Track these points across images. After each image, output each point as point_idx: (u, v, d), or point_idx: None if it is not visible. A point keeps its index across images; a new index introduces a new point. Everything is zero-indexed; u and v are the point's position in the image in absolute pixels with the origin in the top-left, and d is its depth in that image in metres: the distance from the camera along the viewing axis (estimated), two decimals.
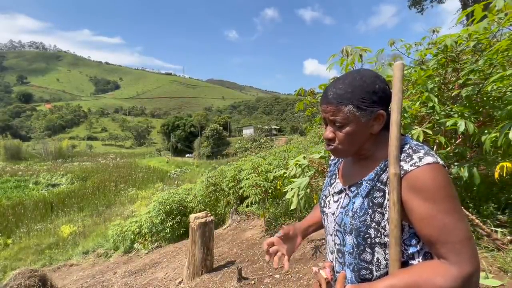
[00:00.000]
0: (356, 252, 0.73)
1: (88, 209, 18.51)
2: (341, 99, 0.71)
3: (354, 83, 0.72)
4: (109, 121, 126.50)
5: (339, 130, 0.74)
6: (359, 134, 0.73)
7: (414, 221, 0.66)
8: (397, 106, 0.71)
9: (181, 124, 59.92)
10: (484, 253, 1.77)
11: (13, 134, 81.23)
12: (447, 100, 2.09)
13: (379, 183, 0.72)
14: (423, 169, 0.64)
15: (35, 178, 30.67)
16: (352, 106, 0.70)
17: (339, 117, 0.72)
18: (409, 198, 0.66)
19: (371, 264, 0.72)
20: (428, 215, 0.63)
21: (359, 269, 0.73)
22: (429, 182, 0.63)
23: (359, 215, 0.72)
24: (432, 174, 0.64)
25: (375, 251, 0.71)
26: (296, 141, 10.23)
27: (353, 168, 0.84)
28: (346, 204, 0.78)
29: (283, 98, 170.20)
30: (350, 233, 0.74)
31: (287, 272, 2.61)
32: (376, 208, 0.70)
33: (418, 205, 0.64)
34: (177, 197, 6.82)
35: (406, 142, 0.74)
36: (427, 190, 0.63)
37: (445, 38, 2.03)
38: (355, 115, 0.71)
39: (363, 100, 0.70)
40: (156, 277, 3.86)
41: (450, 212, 0.62)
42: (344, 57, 1.68)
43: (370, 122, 0.73)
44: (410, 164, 0.66)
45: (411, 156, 0.68)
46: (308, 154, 2.43)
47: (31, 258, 10.44)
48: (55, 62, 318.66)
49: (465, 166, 1.85)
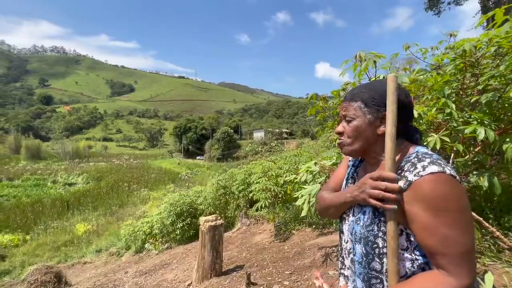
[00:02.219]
0: (365, 262, 0.74)
1: (102, 208, 19.01)
2: (353, 96, 0.79)
3: (371, 86, 0.78)
4: (123, 123, 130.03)
5: (347, 124, 0.80)
6: (364, 130, 0.77)
7: (416, 231, 0.66)
8: (390, 118, 0.71)
9: (192, 126, 60.75)
10: (505, 267, 1.68)
11: (34, 135, 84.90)
12: (465, 106, 2.02)
13: None
14: (425, 178, 0.64)
15: (53, 177, 31.87)
16: (361, 102, 0.77)
17: (349, 111, 0.78)
18: (412, 208, 0.66)
19: (381, 273, 0.71)
20: (430, 225, 0.63)
21: (369, 278, 0.73)
22: (430, 192, 0.63)
23: (367, 224, 0.73)
24: (434, 184, 0.63)
25: (384, 261, 0.70)
26: (307, 145, 10.15)
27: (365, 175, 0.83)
28: (357, 213, 0.79)
29: (294, 102, 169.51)
30: (359, 242, 0.75)
31: (297, 279, 2.57)
32: (383, 218, 0.70)
33: (419, 214, 0.64)
34: (187, 199, 6.90)
35: (414, 151, 0.73)
36: (428, 200, 0.63)
37: (463, 42, 1.96)
38: (362, 110, 0.77)
39: (373, 99, 0.76)
40: (165, 279, 3.90)
41: (452, 224, 0.61)
42: (357, 62, 1.66)
43: (376, 121, 0.76)
44: (414, 174, 0.66)
45: (415, 165, 0.67)
46: (319, 160, 2.40)
47: (48, 255, 10.80)
48: (74, 65, 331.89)
49: (485, 174, 1.77)
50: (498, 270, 1.67)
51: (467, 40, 1.94)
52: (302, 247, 3.38)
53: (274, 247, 3.74)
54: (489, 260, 1.77)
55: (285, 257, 3.26)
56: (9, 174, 31.16)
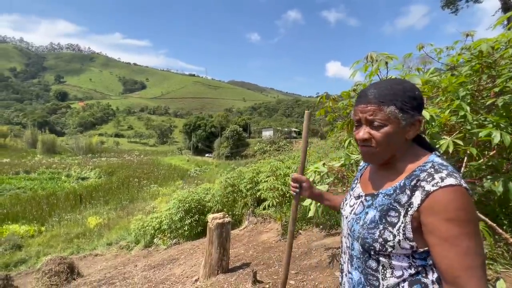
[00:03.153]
0: (362, 259, 0.75)
1: (113, 203, 19.50)
2: (384, 99, 0.70)
3: (395, 86, 0.72)
4: (135, 119, 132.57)
5: (376, 131, 0.72)
6: (396, 137, 0.72)
7: (434, 242, 0.64)
8: (303, 149, 1.06)
9: (202, 124, 61.30)
10: None
11: (50, 130, 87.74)
12: (480, 109, 1.96)
13: (396, 203, 0.70)
14: (445, 190, 0.63)
15: (67, 171, 32.91)
16: (395, 107, 0.70)
17: (379, 116, 0.71)
18: (429, 219, 0.64)
19: (377, 272, 0.72)
20: (452, 237, 0.61)
21: (366, 273, 0.75)
22: (451, 203, 0.62)
23: (369, 227, 0.73)
24: (455, 196, 0.62)
25: (380, 260, 0.72)
26: (316, 145, 10.08)
27: (373, 176, 0.84)
28: (359, 212, 0.79)
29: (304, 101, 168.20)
30: (357, 240, 0.76)
31: (303, 279, 2.57)
32: (387, 226, 0.70)
33: (440, 226, 0.63)
34: (196, 196, 6.99)
35: (429, 160, 0.72)
36: (450, 211, 0.62)
37: (480, 42, 1.90)
38: (396, 117, 0.70)
39: (406, 103, 0.70)
40: (173, 273, 3.98)
41: (473, 235, 0.61)
42: (368, 63, 1.64)
43: (407, 127, 0.72)
44: (432, 184, 0.65)
45: (433, 175, 0.66)
46: (328, 161, 2.39)
47: (61, 246, 11.19)
48: (88, 63, 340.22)
49: (500, 179, 1.72)
50: (511, 278, 1.62)
51: (484, 41, 1.88)
52: (308, 247, 3.37)
53: (281, 246, 3.75)
54: (501, 267, 1.72)
55: (291, 256, 3.26)
56: (26, 167, 32.40)
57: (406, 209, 0.68)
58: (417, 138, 0.79)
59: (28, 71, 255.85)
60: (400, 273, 0.69)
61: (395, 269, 0.70)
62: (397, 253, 0.69)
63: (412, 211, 0.66)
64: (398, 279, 0.69)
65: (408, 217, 0.67)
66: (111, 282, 4.33)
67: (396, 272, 0.70)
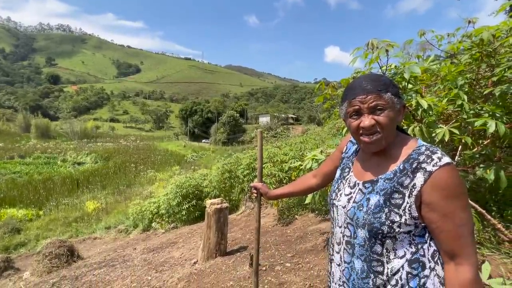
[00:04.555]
0: (368, 245, 0.78)
1: (110, 188, 19.58)
2: (380, 87, 0.77)
3: (380, 78, 0.80)
4: (130, 104, 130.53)
5: (380, 116, 0.77)
6: (394, 122, 0.79)
7: (436, 218, 0.70)
8: (259, 156, 1.42)
9: (198, 109, 60.67)
10: (504, 259, 1.72)
11: (43, 114, 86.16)
12: (477, 98, 1.97)
13: (398, 185, 0.74)
14: (444, 169, 0.70)
15: (63, 156, 32.72)
16: (390, 93, 0.78)
17: (382, 101, 0.77)
18: (433, 197, 0.70)
19: (382, 256, 0.76)
20: (451, 211, 0.69)
21: (371, 260, 0.77)
22: (450, 180, 0.69)
23: (374, 211, 0.75)
24: (452, 173, 0.70)
25: (385, 243, 0.75)
26: (313, 132, 10.11)
27: (367, 164, 0.86)
28: (359, 200, 0.81)
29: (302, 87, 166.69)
30: (363, 227, 0.78)
31: (298, 261, 2.67)
32: (393, 208, 0.73)
33: (440, 203, 0.70)
34: (193, 182, 7.05)
35: (421, 144, 0.79)
36: (449, 188, 0.69)
37: (481, 30, 1.88)
38: (393, 101, 0.78)
39: (395, 90, 0.79)
40: (172, 256, 4.09)
41: (465, 207, 0.70)
42: (368, 50, 1.62)
43: (398, 112, 0.80)
44: (432, 165, 0.71)
45: (431, 157, 0.72)
46: (325, 148, 2.41)
47: (60, 230, 11.32)
48: (80, 44, 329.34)
49: (491, 168, 1.76)
50: (496, 261, 1.70)
51: (486, 28, 1.86)
52: (304, 232, 3.47)
53: (277, 231, 3.85)
54: (488, 251, 1.81)
55: (287, 240, 3.36)
56: (21, 152, 32.10)
57: (410, 190, 0.72)
58: None
59: (18, 53, 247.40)
60: (402, 253, 0.74)
61: (398, 249, 0.74)
62: (402, 231, 0.74)
63: (416, 191, 0.71)
64: (401, 259, 0.74)
65: (412, 197, 0.72)
66: (111, 264, 4.44)
67: (399, 252, 0.74)
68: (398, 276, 0.74)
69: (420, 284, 0.72)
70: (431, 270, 0.73)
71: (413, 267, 0.73)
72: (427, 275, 0.72)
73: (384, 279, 0.75)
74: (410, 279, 0.73)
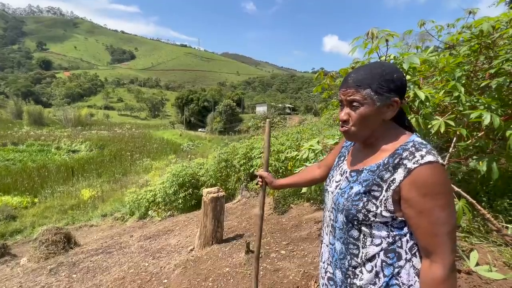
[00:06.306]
0: (345, 229, 0.82)
1: (106, 176, 19.55)
2: (361, 83, 0.77)
3: (373, 71, 0.78)
4: (124, 91, 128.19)
5: (354, 111, 0.79)
6: (372, 118, 0.79)
7: (412, 214, 0.72)
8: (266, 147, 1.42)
9: (195, 98, 60.00)
10: (491, 247, 1.78)
11: (35, 100, 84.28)
12: (474, 90, 1.98)
13: (379, 178, 0.77)
14: (425, 167, 0.70)
15: (57, 143, 32.32)
16: (370, 90, 0.76)
17: (357, 97, 0.77)
18: (410, 193, 0.71)
19: (358, 240, 0.80)
20: (427, 209, 0.69)
21: (348, 243, 0.82)
22: (429, 178, 0.69)
23: (354, 199, 0.79)
24: (432, 171, 0.70)
25: (362, 230, 0.79)
26: (309, 122, 10.11)
27: (359, 154, 0.90)
28: (344, 187, 0.86)
29: (299, 76, 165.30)
30: (341, 212, 0.83)
31: (293, 249, 2.73)
32: (371, 198, 0.77)
33: (418, 200, 0.70)
34: (190, 171, 7.06)
35: (410, 140, 0.78)
36: (427, 186, 0.69)
37: (481, 21, 1.86)
38: (371, 98, 0.76)
39: (382, 86, 0.76)
40: (169, 243, 4.15)
41: (444, 207, 0.69)
42: (368, 40, 1.60)
43: (384, 108, 0.78)
44: (413, 162, 0.71)
45: (414, 154, 0.73)
46: (322, 138, 2.42)
47: (56, 217, 11.35)
48: (72, 29, 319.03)
49: (484, 160, 1.79)
50: (484, 249, 1.76)
51: (486, 20, 1.84)
52: (299, 220, 3.54)
53: (273, 219, 3.92)
54: (476, 240, 1.87)
55: (282, 228, 3.43)
56: (13, 139, 31.60)
57: (389, 184, 0.74)
58: (400, 118, 0.85)
59: (7, 36, 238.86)
60: (378, 241, 0.77)
61: (375, 237, 0.77)
62: (378, 221, 0.76)
63: (394, 186, 0.73)
64: (377, 247, 0.77)
65: (390, 191, 0.74)
66: (108, 251, 4.49)
67: (375, 241, 0.77)
68: (373, 263, 0.77)
69: (394, 272, 0.75)
70: (406, 261, 0.75)
71: (388, 256, 0.76)
72: (401, 265, 0.75)
73: (358, 262, 0.79)
74: (384, 267, 0.76)
